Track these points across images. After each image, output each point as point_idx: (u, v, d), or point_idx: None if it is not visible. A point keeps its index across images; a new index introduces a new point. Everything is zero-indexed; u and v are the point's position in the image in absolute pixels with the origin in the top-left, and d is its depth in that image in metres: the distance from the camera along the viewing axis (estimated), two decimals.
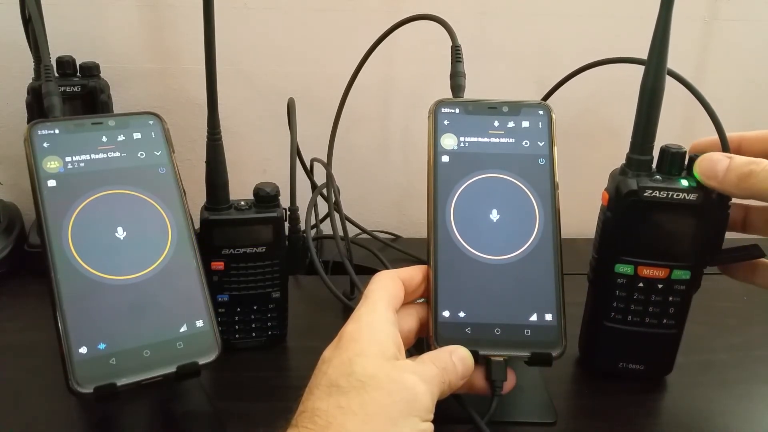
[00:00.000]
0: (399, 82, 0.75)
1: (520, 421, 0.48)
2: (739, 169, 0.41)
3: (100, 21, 0.70)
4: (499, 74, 0.74)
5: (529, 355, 0.42)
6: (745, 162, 0.41)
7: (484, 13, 0.72)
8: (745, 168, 0.41)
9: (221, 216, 0.51)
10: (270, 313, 0.55)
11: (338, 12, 0.71)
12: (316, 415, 0.34)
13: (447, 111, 0.46)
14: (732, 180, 0.41)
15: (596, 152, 0.76)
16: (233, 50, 0.72)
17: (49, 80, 0.47)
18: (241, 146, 0.75)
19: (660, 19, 0.44)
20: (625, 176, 0.47)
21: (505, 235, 0.44)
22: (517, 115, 0.46)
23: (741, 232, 0.49)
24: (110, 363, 0.40)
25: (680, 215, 0.46)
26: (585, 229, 0.57)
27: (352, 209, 0.75)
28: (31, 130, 0.44)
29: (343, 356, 0.37)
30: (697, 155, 0.45)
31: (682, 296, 0.48)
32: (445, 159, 0.45)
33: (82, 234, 0.42)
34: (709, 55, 0.75)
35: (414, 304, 0.44)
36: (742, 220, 0.49)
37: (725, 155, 0.43)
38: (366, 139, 0.78)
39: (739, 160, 0.42)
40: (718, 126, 0.50)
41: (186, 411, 0.48)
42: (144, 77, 0.73)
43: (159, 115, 0.48)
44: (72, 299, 0.40)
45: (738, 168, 0.41)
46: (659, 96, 0.46)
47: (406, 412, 0.35)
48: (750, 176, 0.40)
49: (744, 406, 0.51)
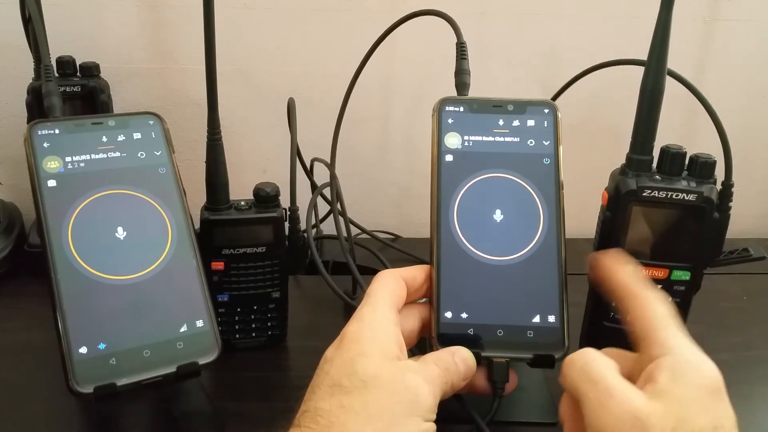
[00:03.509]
0: (399, 82, 0.75)
1: (521, 421, 0.48)
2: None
3: (100, 21, 0.70)
4: (499, 76, 0.74)
5: (531, 356, 0.42)
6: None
7: (484, 14, 0.72)
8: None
9: (221, 216, 0.51)
10: (270, 313, 0.55)
11: (338, 12, 0.71)
12: (319, 415, 0.34)
13: (451, 109, 0.46)
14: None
15: (596, 152, 0.76)
16: (233, 50, 0.72)
17: (49, 80, 0.47)
18: (241, 146, 0.75)
19: (660, 19, 0.44)
20: (625, 176, 0.47)
21: (509, 235, 0.44)
22: (523, 114, 0.46)
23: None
24: (110, 363, 0.40)
25: (680, 215, 0.46)
26: (585, 229, 0.57)
27: (352, 209, 0.75)
28: (31, 130, 0.44)
29: (345, 356, 0.36)
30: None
31: (682, 297, 0.48)
32: (449, 158, 0.45)
33: (82, 234, 0.42)
34: (709, 55, 0.75)
35: (416, 304, 0.44)
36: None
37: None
38: (366, 138, 0.78)
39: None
40: (719, 126, 0.51)
41: (186, 411, 0.48)
42: (144, 77, 0.73)
43: (159, 115, 0.48)
44: (72, 299, 0.40)
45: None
46: (659, 96, 0.46)
47: (408, 412, 0.35)
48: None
49: (744, 406, 0.50)
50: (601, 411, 0.34)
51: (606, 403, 0.34)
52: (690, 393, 0.34)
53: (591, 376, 0.35)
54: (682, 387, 0.34)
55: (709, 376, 0.34)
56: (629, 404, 0.33)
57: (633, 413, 0.33)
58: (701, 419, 0.33)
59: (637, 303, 0.39)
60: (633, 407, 0.33)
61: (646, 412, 0.33)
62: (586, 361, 0.36)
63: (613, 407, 0.33)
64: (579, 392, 0.36)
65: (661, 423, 0.32)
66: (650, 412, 0.33)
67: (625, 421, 0.33)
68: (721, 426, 0.33)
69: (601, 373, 0.35)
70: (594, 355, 0.37)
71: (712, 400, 0.34)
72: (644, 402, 0.33)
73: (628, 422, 0.33)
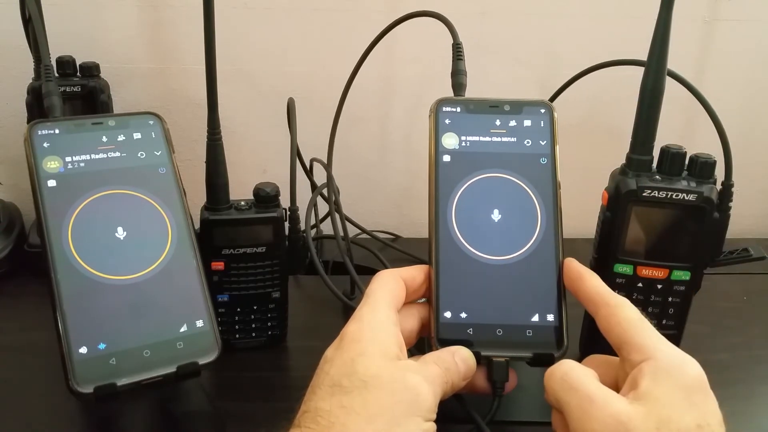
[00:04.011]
0: (398, 82, 0.75)
1: (521, 420, 0.48)
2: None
3: (100, 21, 0.70)
4: (499, 76, 0.74)
5: (530, 355, 0.42)
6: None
7: (484, 13, 0.72)
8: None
9: (221, 216, 0.51)
10: (270, 313, 0.55)
11: (338, 12, 0.71)
12: (319, 415, 0.34)
13: (448, 110, 0.46)
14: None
15: (596, 152, 0.76)
16: (233, 50, 0.72)
17: (49, 80, 0.47)
18: (241, 146, 0.75)
19: (660, 19, 0.44)
20: (624, 176, 0.47)
21: (507, 235, 0.44)
22: (519, 114, 0.46)
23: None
24: (110, 363, 0.40)
25: (680, 215, 0.46)
26: (585, 229, 0.57)
27: (352, 209, 0.75)
28: (31, 130, 0.44)
29: (345, 356, 0.36)
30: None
31: (682, 297, 0.48)
32: (446, 158, 0.45)
33: (82, 234, 0.42)
34: (709, 55, 0.75)
35: (415, 303, 0.44)
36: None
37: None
38: (365, 138, 0.78)
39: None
40: (718, 126, 0.51)
41: (186, 411, 0.48)
42: (144, 77, 0.73)
43: (159, 115, 0.48)
44: (72, 299, 0.40)
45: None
46: (659, 96, 0.46)
47: (409, 412, 0.35)
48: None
49: (744, 406, 0.51)
50: (584, 417, 0.34)
51: (588, 409, 0.34)
52: (672, 393, 0.34)
53: (571, 384, 0.36)
54: (663, 388, 0.34)
55: (692, 375, 0.35)
56: (611, 408, 0.33)
57: (615, 417, 0.33)
58: (685, 419, 0.33)
59: (609, 311, 0.39)
60: (615, 411, 0.33)
61: (628, 414, 0.33)
62: (565, 371, 0.37)
63: (594, 412, 0.34)
64: (561, 402, 0.36)
65: (644, 425, 0.32)
66: (632, 415, 0.33)
67: (609, 425, 0.33)
68: (706, 424, 0.33)
69: (581, 381, 0.36)
70: (572, 365, 0.37)
71: (697, 398, 0.34)
72: (626, 405, 0.34)
73: (612, 426, 0.33)
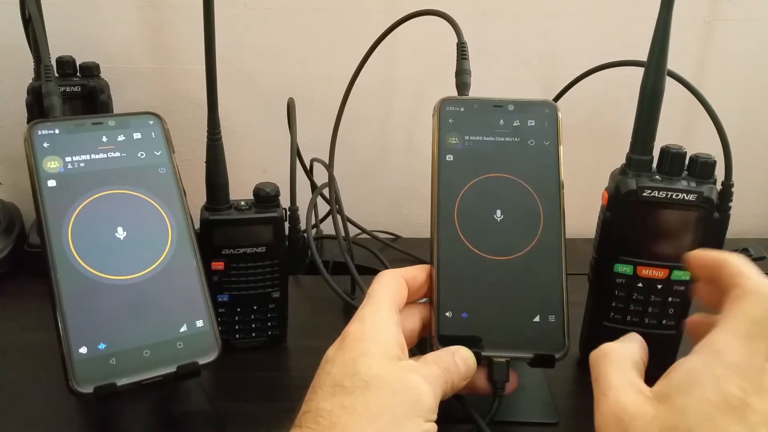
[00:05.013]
0: (399, 82, 0.75)
1: (522, 421, 0.48)
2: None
3: (100, 21, 0.70)
4: (500, 76, 0.74)
5: (531, 356, 0.42)
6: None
7: (485, 14, 0.72)
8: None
9: (221, 216, 0.51)
10: (270, 313, 0.55)
11: (338, 12, 0.71)
12: (320, 415, 0.34)
13: (452, 109, 0.46)
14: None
15: (597, 152, 0.76)
16: (233, 50, 0.72)
17: (49, 80, 0.47)
18: (241, 146, 0.75)
19: (660, 19, 0.44)
20: (624, 176, 0.47)
21: (510, 235, 0.44)
22: (523, 114, 0.46)
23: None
24: (110, 363, 0.40)
25: (680, 215, 0.46)
26: (585, 229, 0.57)
27: (352, 209, 0.75)
28: (31, 130, 0.44)
29: (347, 356, 0.36)
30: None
31: (682, 297, 0.48)
32: (449, 158, 0.45)
33: (82, 234, 0.42)
34: (709, 55, 0.75)
35: (417, 303, 0.44)
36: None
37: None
38: (366, 138, 0.78)
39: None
40: (718, 126, 0.51)
41: (186, 411, 0.48)
42: (144, 77, 0.73)
43: (159, 115, 0.48)
44: (72, 299, 0.40)
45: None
46: (659, 96, 0.46)
47: (410, 413, 0.35)
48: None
49: None
50: (596, 409, 0.34)
51: (599, 402, 0.34)
52: (697, 405, 0.29)
53: (595, 374, 0.36)
54: (687, 397, 0.30)
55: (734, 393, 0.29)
56: (617, 404, 0.32)
57: (617, 414, 0.32)
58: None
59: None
60: (619, 407, 0.32)
61: (631, 414, 0.31)
62: (596, 359, 0.36)
63: (602, 407, 0.33)
64: (593, 387, 0.36)
65: (645, 430, 0.30)
66: (635, 415, 0.31)
67: (609, 422, 0.32)
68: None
69: (603, 372, 0.35)
70: (605, 351, 0.36)
71: (727, 420, 0.28)
72: (635, 403, 0.32)
73: (612, 423, 0.32)
